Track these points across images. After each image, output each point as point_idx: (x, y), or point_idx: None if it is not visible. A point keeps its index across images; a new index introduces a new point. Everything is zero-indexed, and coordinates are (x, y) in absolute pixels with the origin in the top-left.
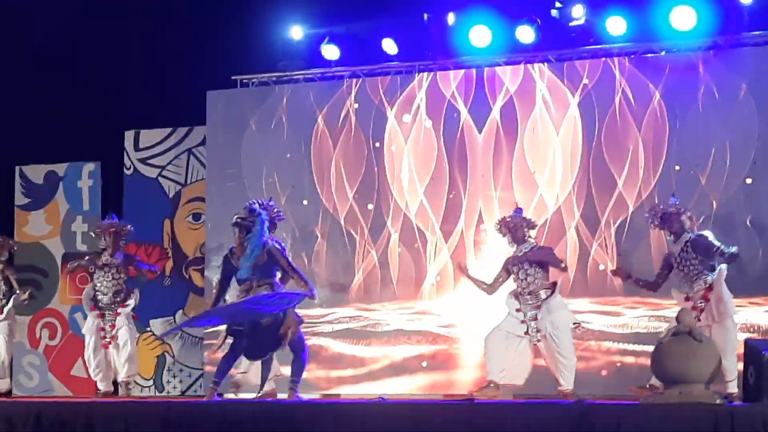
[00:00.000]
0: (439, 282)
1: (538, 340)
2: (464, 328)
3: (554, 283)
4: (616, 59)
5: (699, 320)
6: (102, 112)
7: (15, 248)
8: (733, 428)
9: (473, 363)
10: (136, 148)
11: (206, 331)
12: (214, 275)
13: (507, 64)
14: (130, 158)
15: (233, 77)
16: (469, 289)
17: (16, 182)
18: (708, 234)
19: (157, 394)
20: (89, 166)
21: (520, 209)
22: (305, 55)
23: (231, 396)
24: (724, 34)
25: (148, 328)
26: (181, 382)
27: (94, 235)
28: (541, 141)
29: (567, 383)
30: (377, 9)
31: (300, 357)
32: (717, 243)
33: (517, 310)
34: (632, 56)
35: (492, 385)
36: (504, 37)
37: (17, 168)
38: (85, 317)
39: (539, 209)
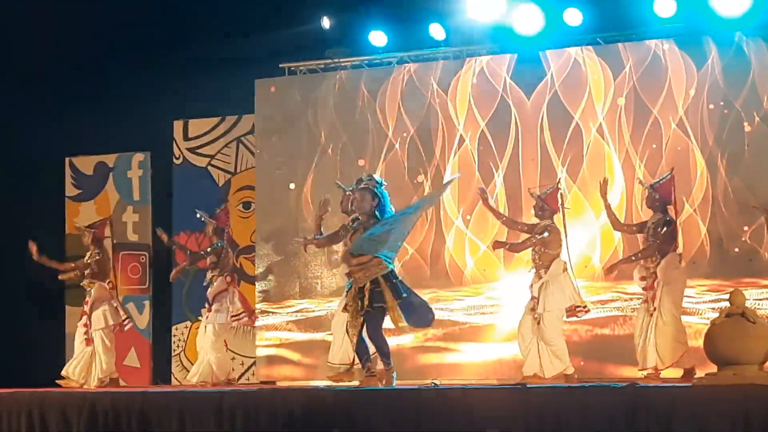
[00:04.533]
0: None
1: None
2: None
3: (556, 263)
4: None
5: (646, 301)
6: (150, 102)
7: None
8: None
9: None
10: (185, 138)
11: (259, 325)
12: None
13: (555, 47)
14: (179, 148)
15: (281, 65)
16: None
17: (66, 174)
18: (675, 228)
19: None
20: (139, 157)
21: (556, 185)
22: (353, 41)
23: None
24: None
25: (199, 317)
26: (233, 370)
27: (203, 219)
28: (590, 126)
29: (552, 369)
30: None
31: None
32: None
33: (530, 287)
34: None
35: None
36: (550, 21)
37: (67, 159)
38: (138, 308)
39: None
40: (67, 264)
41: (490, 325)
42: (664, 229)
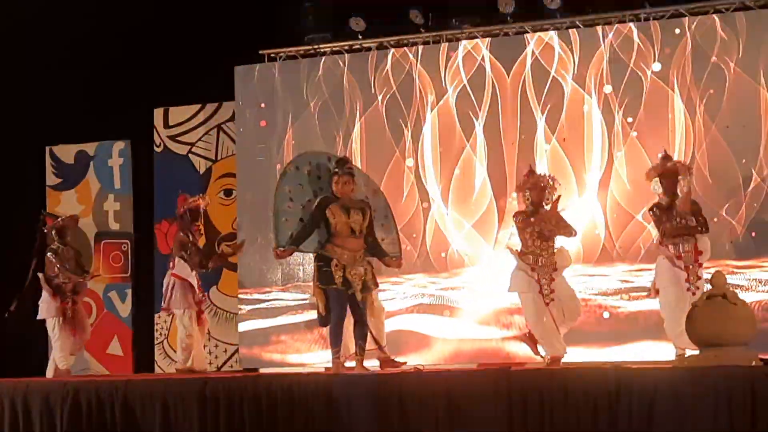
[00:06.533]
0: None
1: (552, 300)
2: None
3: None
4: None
5: (696, 279)
6: (130, 90)
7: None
8: None
9: None
10: (166, 126)
11: (241, 312)
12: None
13: (534, 30)
14: (159, 135)
15: (261, 52)
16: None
17: (46, 163)
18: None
19: None
20: (119, 145)
21: (533, 171)
22: (332, 27)
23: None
24: None
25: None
26: (216, 357)
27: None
28: (571, 108)
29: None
30: None
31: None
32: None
33: (532, 269)
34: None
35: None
36: (530, 3)
37: (47, 148)
38: (121, 296)
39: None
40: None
41: (473, 308)
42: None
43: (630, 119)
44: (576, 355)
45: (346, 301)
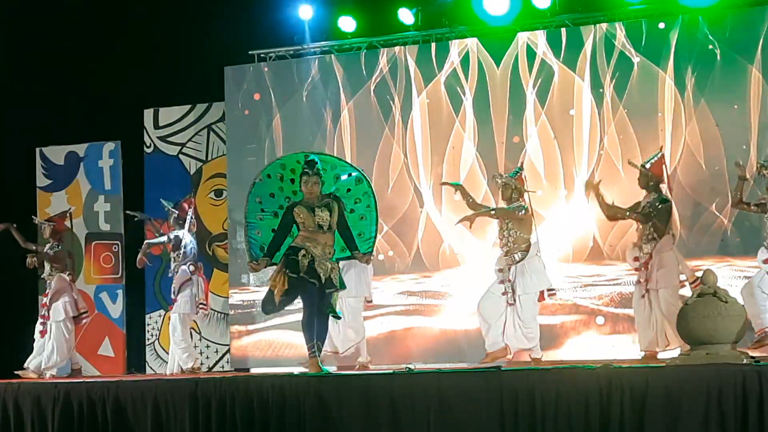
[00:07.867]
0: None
1: (515, 301)
2: None
3: (529, 245)
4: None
5: (639, 282)
6: (121, 91)
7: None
8: (761, 388)
9: None
10: (156, 126)
11: (232, 313)
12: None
13: (524, 30)
14: (150, 136)
15: (250, 52)
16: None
17: (36, 164)
18: (670, 206)
19: None
20: (109, 146)
21: (520, 169)
22: (322, 28)
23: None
24: None
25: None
26: (207, 358)
27: (166, 209)
28: (568, 111)
29: (520, 345)
30: None
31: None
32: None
33: (500, 270)
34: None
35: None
36: (520, 3)
37: (38, 149)
38: (112, 297)
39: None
40: (30, 244)
41: (465, 307)
42: (661, 206)
43: (626, 110)
44: (567, 354)
45: (316, 296)
